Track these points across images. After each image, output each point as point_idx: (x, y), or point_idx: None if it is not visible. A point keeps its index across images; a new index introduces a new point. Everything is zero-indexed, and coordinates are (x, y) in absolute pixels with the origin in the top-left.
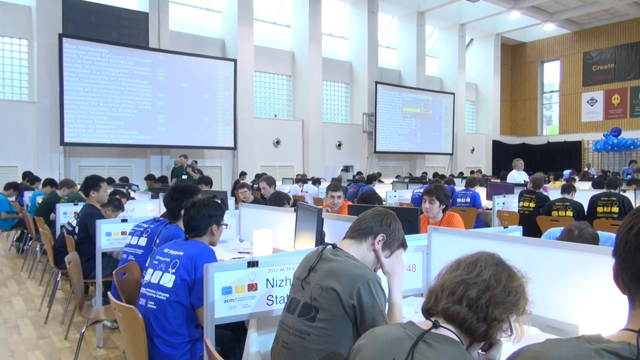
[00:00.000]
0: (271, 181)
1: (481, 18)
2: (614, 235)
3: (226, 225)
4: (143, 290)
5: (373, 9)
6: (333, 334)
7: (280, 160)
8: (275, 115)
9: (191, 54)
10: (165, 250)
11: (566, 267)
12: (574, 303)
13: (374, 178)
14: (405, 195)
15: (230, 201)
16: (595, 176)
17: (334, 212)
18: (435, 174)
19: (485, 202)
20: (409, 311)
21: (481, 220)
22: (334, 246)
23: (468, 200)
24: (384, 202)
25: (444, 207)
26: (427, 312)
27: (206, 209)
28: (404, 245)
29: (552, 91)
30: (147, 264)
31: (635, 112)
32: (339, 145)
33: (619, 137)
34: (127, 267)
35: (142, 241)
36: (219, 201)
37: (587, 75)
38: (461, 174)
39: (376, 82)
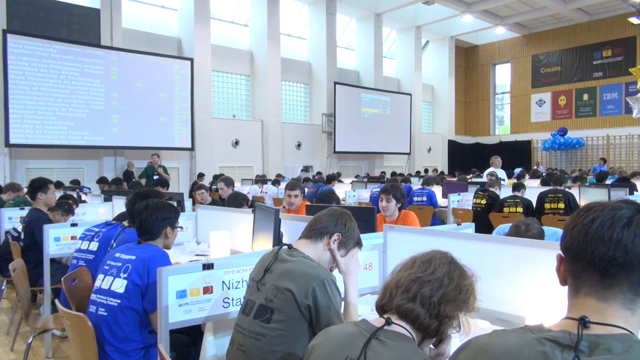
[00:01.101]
0: (229, 182)
1: (436, 21)
2: (559, 230)
3: (181, 227)
4: (93, 296)
5: (331, 10)
6: (289, 334)
7: (239, 161)
8: (234, 116)
9: (146, 52)
10: (117, 254)
11: (513, 262)
12: (520, 295)
13: (334, 178)
14: (364, 195)
15: (188, 203)
16: (544, 174)
17: (291, 211)
18: (394, 173)
19: (441, 200)
20: (365, 309)
21: (437, 218)
22: (290, 246)
23: (424, 198)
24: (342, 202)
25: (399, 205)
26: (381, 308)
27: (160, 212)
28: (359, 244)
29: (503, 92)
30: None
31: (580, 113)
32: (299, 145)
33: (565, 136)
34: (77, 273)
35: (93, 246)
36: (176, 203)
37: (536, 77)
38: (418, 172)
39: (335, 83)
